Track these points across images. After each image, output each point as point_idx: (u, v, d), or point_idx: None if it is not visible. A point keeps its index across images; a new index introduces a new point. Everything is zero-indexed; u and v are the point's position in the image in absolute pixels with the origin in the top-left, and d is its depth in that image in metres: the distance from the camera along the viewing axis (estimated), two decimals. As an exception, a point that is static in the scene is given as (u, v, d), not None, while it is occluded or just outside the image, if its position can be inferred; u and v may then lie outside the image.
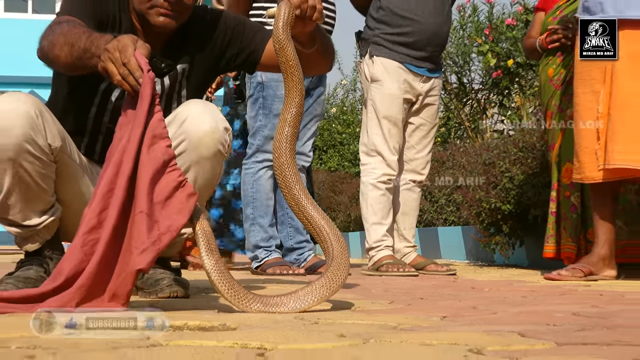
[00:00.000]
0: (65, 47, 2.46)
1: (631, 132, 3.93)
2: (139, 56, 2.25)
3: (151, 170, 2.23)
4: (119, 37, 2.33)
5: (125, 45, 2.27)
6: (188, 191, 2.28)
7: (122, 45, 2.27)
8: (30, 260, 2.84)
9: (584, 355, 1.44)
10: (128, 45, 2.27)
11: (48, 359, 1.39)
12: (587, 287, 3.64)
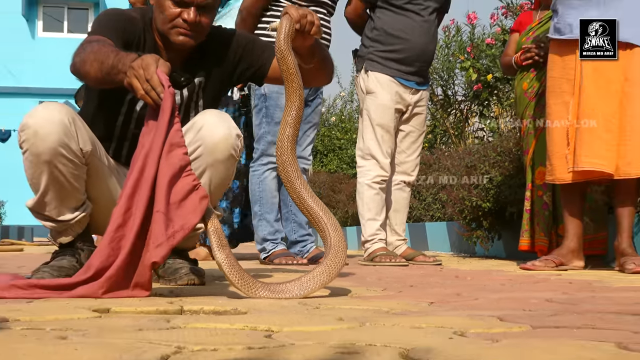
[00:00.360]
0: (95, 64, 2.46)
1: (597, 139, 3.93)
2: (161, 73, 2.27)
3: (169, 174, 2.26)
4: (143, 56, 2.35)
5: (148, 63, 2.29)
6: (201, 194, 2.31)
7: (146, 64, 2.29)
8: (64, 251, 2.86)
9: (556, 338, 1.44)
10: (151, 63, 2.29)
11: (79, 340, 1.39)
12: (559, 276, 3.64)
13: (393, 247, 5.23)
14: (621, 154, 3.92)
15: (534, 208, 4.82)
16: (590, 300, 2.29)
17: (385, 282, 3.25)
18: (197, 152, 2.73)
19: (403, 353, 1.25)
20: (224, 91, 3.15)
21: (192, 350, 1.27)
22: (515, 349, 1.29)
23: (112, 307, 2.02)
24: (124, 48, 2.70)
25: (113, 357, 1.18)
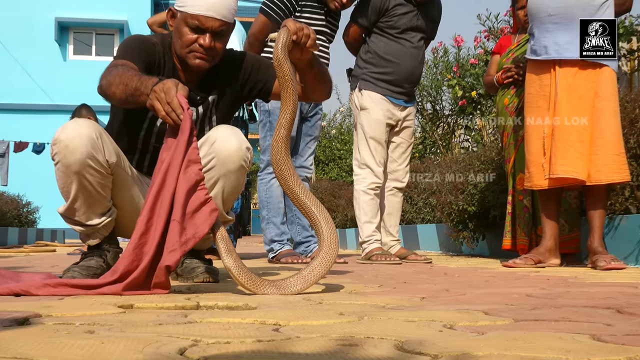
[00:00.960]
0: (120, 86, 2.47)
1: (570, 149, 3.93)
2: (180, 97, 2.29)
3: (186, 187, 2.28)
4: (164, 80, 2.37)
5: (169, 87, 2.31)
6: (211, 207, 2.33)
7: (167, 88, 2.31)
8: (92, 252, 2.86)
9: (536, 330, 1.43)
10: (171, 87, 2.32)
11: (105, 334, 1.38)
12: (537, 273, 3.63)
13: (388, 247, 5.23)
14: (592, 163, 3.92)
15: (516, 211, 4.82)
16: (566, 295, 2.28)
17: (381, 279, 3.24)
18: (211, 164, 2.74)
19: (398, 345, 1.25)
20: (235, 108, 3.15)
21: (207, 343, 1.27)
22: (499, 341, 1.28)
23: (135, 303, 2.02)
24: (146, 70, 2.72)
25: (136, 349, 1.18)
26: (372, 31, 5.13)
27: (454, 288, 2.64)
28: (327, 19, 5.05)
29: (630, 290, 2.41)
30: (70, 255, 7.15)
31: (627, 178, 3.96)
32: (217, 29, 2.74)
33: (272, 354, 1.16)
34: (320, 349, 1.19)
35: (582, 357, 1.11)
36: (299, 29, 2.58)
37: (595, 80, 3.97)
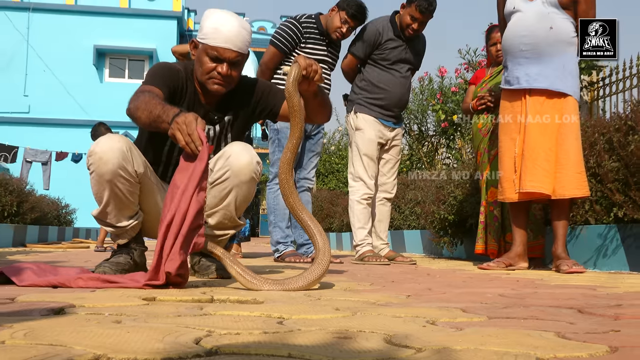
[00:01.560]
0: (145, 112, 2.47)
1: (537, 167, 3.93)
2: (201, 131, 2.30)
3: (196, 209, 2.27)
4: (185, 113, 2.37)
5: (190, 121, 2.31)
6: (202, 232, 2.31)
7: (188, 121, 2.31)
8: (121, 250, 2.86)
9: (507, 327, 1.42)
10: (192, 121, 2.32)
11: (130, 324, 1.37)
12: (508, 275, 3.62)
13: (378, 249, 5.22)
14: (557, 180, 3.92)
15: (487, 220, 4.82)
16: (534, 295, 2.27)
17: (372, 278, 3.23)
18: (226, 175, 2.74)
19: (386, 338, 1.24)
20: (248, 127, 3.15)
21: (219, 333, 1.26)
22: (475, 336, 1.27)
23: (157, 296, 2.01)
24: (170, 94, 2.73)
25: (157, 338, 1.17)
26: (366, 62, 5.15)
27: (436, 287, 2.63)
28: (328, 50, 5.07)
29: (589, 292, 2.40)
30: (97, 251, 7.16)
31: (587, 193, 3.96)
32: (233, 59, 2.74)
33: (277, 344, 1.14)
34: (319, 341, 1.18)
35: (549, 353, 1.10)
36: (308, 65, 2.62)
37: (560, 108, 3.96)
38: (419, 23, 4.99)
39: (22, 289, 2.19)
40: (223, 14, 2.77)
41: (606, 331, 1.37)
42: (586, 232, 4.39)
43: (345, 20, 4.92)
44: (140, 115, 2.50)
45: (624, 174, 4.10)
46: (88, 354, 1.02)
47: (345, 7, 4.92)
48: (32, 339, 1.13)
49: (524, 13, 4.03)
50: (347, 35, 5.02)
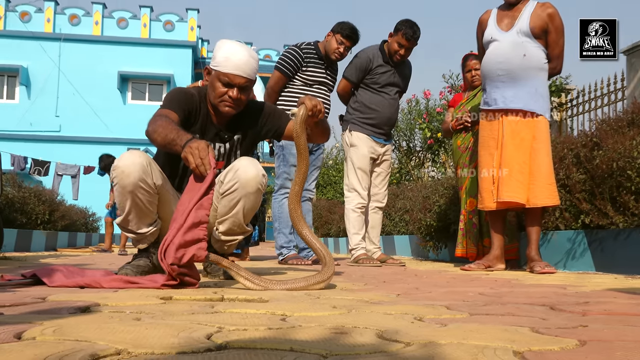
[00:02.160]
0: (161, 135, 2.48)
1: (513, 179, 3.93)
2: (211, 157, 2.32)
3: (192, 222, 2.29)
4: (199, 140, 2.38)
5: (203, 147, 2.33)
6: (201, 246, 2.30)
7: (201, 148, 2.33)
8: (141, 254, 2.85)
9: (487, 323, 1.41)
10: (204, 148, 2.33)
11: (149, 321, 1.36)
12: (487, 275, 3.61)
13: (371, 253, 5.21)
14: (530, 190, 3.91)
15: (466, 227, 4.82)
16: (510, 294, 2.26)
17: (366, 278, 3.22)
18: (234, 187, 2.73)
19: (379, 334, 1.23)
20: (255, 145, 3.15)
21: (229, 330, 1.25)
22: (458, 331, 1.26)
23: (174, 295, 2.00)
24: (185, 117, 2.74)
25: (172, 334, 1.16)
26: (359, 86, 5.16)
27: (423, 287, 2.62)
28: (327, 72, 5.09)
29: (560, 291, 2.39)
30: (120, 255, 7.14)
31: (557, 202, 3.96)
32: (242, 84, 2.75)
33: (280, 339, 1.13)
34: (318, 336, 1.17)
35: (524, 346, 1.09)
36: (313, 106, 2.64)
37: (533, 127, 3.97)
38: (406, 49, 5.02)
39: (53, 289, 2.18)
40: (234, 44, 2.78)
41: (575, 326, 1.36)
42: (556, 236, 4.38)
43: (341, 41, 4.98)
44: (156, 137, 2.51)
45: (590, 185, 4.09)
46: (110, 348, 1.01)
47: (340, 30, 4.99)
48: (60, 335, 1.13)
49: (500, 42, 4.04)
50: (344, 54, 5.04)
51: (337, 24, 5.02)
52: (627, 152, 3.79)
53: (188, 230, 2.27)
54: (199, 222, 2.29)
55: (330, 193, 18.17)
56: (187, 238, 2.27)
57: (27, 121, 23.76)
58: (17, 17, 24.19)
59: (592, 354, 1.03)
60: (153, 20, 25.19)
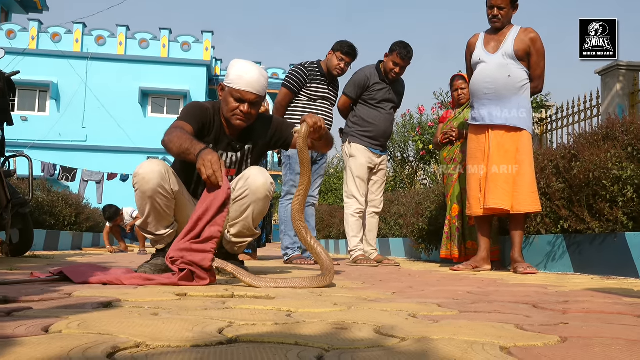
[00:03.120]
0: (176, 145, 2.49)
1: (497, 188, 3.92)
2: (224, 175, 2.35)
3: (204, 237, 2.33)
4: (211, 152, 2.39)
5: (216, 160, 2.34)
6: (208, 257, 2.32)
7: (214, 160, 2.34)
8: (158, 254, 2.84)
9: (475, 320, 1.40)
10: (216, 161, 2.34)
11: (165, 316, 1.35)
12: (475, 275, 3.59)
13: (368, 254, 5.18)
14: (514, 198, 3.90)
15: (450, 231, 4.84)
16: (496, 293, 2.24)
17: (364, 277, 3.20)
18: (245, 193, 2.72)
19: (376, 329, 1.21)
20: (264, 154, 3.14)
21: (239, 324, 1.24)
22: (449, 327, 1.25)
23: (188, 292, 1.99)
24: (199, 128, 2.74)
25: (187, 329, 1.15)
26: (357, 102, 5.17)
27: (416, 285, 2.60)
28: (329, 88, 5.10)
29: (542, 290, 2.38)
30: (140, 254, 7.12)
31: (539, 209, 3.94)
32: (253, 100, 2.74)
33: (285, 334, 1.12)
34: (320, 331, 1.16)
35: (510, 342, 1.08)
36: (314, 124, 2.63)
37: (517, 140, 3.96)
38: (400, 68, 5.04)
39: (78, 285, 2.17)
40: (246, 63, 2.78)
41: (557, 323, 1.34)
42: (538, 240, 4.36)
43: (341, 58, 5.00)
44: (172, 147, 2.51)
45: (568, 193, 4.08)
46: (130, 341, 1.00)
47: (340, 48, 5.00)
48: (84, 329, 1.12)
49: (487, 64, 4.04)
50: (345, 70, 5.05)
51: (336, 43, 5.04)
52: (602, 163, 3.78)
53: (199, 242, 2.30)
54: (210, 237, 2.32)
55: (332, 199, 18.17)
56: (195, 248, 2.30)
57: (57, 132, 23.83)
58: (49, 38, 24.29)
59: (572, 350, 1.02)
60: (172, 41, 25.27)
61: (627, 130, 3.91)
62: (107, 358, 0.88)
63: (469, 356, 0.94)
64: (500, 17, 4.02)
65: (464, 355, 0.95)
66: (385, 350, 0.99)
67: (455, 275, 3.61)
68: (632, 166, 3.57)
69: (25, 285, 2.14)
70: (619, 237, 3.56)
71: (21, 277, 2.38)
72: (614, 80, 7.36)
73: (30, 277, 2.41)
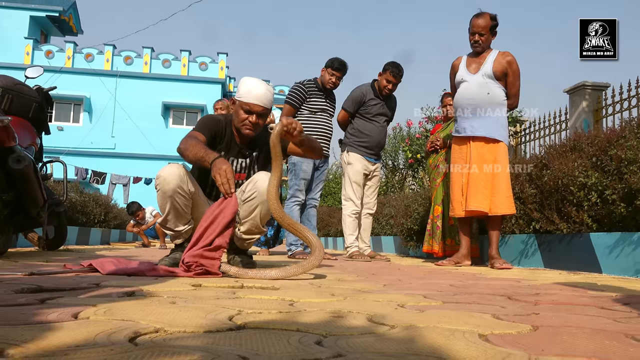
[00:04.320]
0: (192, 153, 2.49)
1: (478, 192, 3.91)
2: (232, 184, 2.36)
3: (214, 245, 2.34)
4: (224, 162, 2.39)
5: (229, 171, 2.36)
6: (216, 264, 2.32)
7: (229, 171, 2.36)
8: (177, 248, 2.83)
9: (457, 310, 1.38)
10: (230, 171, 2.36)
11: (182, 304, 1.34)
12: (457, 270, 3.57)
13: (363, 250, 5.16)
14: (492, 201, 3.89)
15: (432, 229, 4.85)
16: (475, 286, 2.23)
17: (358, 271, 3.19)
18: (253, 195, 2.71)
19: (369, 317, 1.20)
20: (269, 160, 3.13)
21: (247, 312, 1.23)
22: (434, 316, 1.24)
23: (203, 283, 1.98)
24: (211, 137, 2.73)
25: (201, 316, 1.14)
26: (355, 115, 5.17)
27: (405, 278, 2.59)
28: (327, 101, 5.12)
29: (516, 284, 2.36)
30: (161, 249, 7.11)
31: (513, 211, 3.93)
32: (260, 111, 2.74)
33: (288, 322, 1.11)
34: (319, 319, 1.15)
35: (487, 330, 1.07)
36: (289, 123, 2.52)
37: (495, 150, 3.96)
38: (392, 84, 5.06)
39: (105, 276, 2.16)
40: (254, 80, 2.78)
41: (529, 314, 1.33)
42: (512, 239, 4.35)
43: (332, 73, 5.02)
44: (187, 154, 2.52)
45: (539, 198, 4.07)
46: (150, 327, 0.99)
47: (331, 65, 5.03)
48: (110, 316, 1.11)
49: (469, 83, 4.04)
50: (337, 84, 5.07)
51: (328, 60, 5.07)
52: (569, 171, 3.77)
53: (210, 250, 2.31)
54: (219, 246, 2.34)
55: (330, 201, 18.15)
56: (206, 255, 2.31)
57: (89, 140, 23.83)
58: (83, 57, 24.34)
59: (542, 337, 1.01)
60: (191, 61, 25.30)
61: (592, 143, 3.91)
62: (129, 342, 0.87)
63: (451, 342, 0.93)
64: (480, 42, 4.02)
65: (447, 341, 0.94)
66: (376, 336, 0.98)
67: (440, 269, 3.59)
68: (596, 174, 3.57)
69: (59, 275, 2.13)
70: (584, 237, 3.55)
71: (55, 269, 2.37)
72: (580, 98, 7.36)
73: (63, 268, 2.41)
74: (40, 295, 1.44)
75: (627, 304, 1.59)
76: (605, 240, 3.35)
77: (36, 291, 1.55)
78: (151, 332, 0.96)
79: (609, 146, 3.61)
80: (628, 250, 3.15)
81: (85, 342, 0.85)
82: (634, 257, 3.09)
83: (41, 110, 4.09)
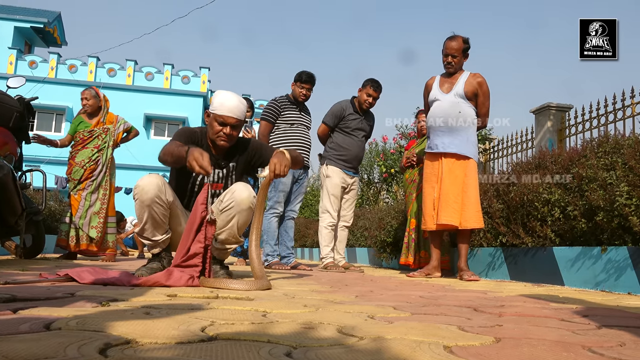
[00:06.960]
0: (169, 154, 2.52)
1: (449, 207, 3.94)
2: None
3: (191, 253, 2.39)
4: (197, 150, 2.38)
5: (203, 153, 2.36)
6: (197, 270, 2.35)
7: (203, 154, 2.34)
8: (154, 259, 2.78)
9: (425, 321, 1.39)
10: (203, 152, 2.36)
11: (156, 315, 1.31)
12: (427, 281, 3.59)
13: (337, 261, 5.15)
14: (462, 216, 3.93)
15: (408, 242, 4.85)
16: (444, 297, 2.24)
17: (332, 282, 3.17)
18: (230, 205, 2.69)
19: (339, 329, 1.20)
20: (246, 171, 3.11)
21: (219, 324, 1.21)
22: (402, 328, 1.24)
23: (178, 293, 1.94)
24: None
25: (174, 327, 1.12)
26: (334, 130, 5.18)
27: (376, 290, 2.59)
28: (301, 113, 5.13)
29: (482, 295, 2.38)
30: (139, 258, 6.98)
31: (482, 225, 3.97)
32: (233, 123, 2.74)
33: (260, 333, 1.10)
34: (290, 331, 1.14)
35: (452, 342, 1.07)
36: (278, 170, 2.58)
37: (465, 167, 4.00)
38: (373, 98, 5.11)
39: (81, 285, 2.11)
40: (227, 93, 2.78)
41: (493, 325, 1.34)
42: (480, 252, 4.40)
43: (302, 86, 5.06)
44: (167, 158, 2.51)
45: (506, 213, 4.13)
46: (121, 338, 0.97)
47: (299, 79, 5.07)
48: (82, 326, 1.08)
49: (441, 102, 4.10)
50: (308, 95, 5.11)
51: (296, 75, 5.12)
52: (534, 188, 3.84)
53: (189, 258, 2.34)
54: (194, 254, 2.35)
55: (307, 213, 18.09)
56: (189, 262, 2.33)
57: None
58: (66, 68, 23.98)
59: (504, 349, 1.02)
60: (173, 74, 25.14)
61: (556, 161, 3.99)
62: (99, 354, 0.85)
63: (417, 354, 0.93)
64: (453, 63, 4.09)
65: (412, 353, 0.94)
66: (345, 348, 0.98)
67: (411, 280, 3.61)
68: (559, 191, 3.64)
69: (34, 285, 2.07)
70: (548, 250, 3.61)
71: (31, 278, 2.31)
72: (545, 119, 7.53)
73: (39, 277, 2.34)
74: (13, 305, 1.39)
75: (586, 316, 1.61)
76: (567, 254, 3.41)
77: (9, 301, 1.51)
78: (122, 343, 0.94)
79: (571, 164, 3.70)
80: (588, 264, 3.21)
81: (55, 353, 0.82)
82: (594, 271, 3.15)
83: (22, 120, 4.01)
